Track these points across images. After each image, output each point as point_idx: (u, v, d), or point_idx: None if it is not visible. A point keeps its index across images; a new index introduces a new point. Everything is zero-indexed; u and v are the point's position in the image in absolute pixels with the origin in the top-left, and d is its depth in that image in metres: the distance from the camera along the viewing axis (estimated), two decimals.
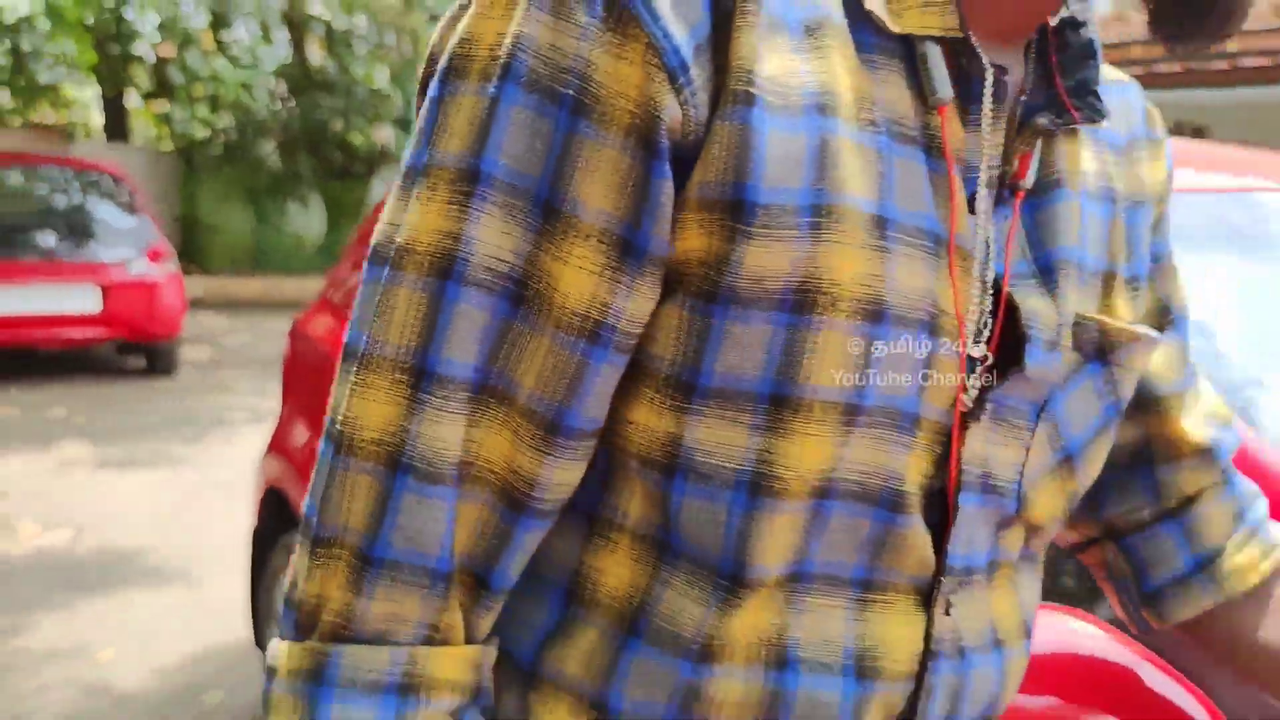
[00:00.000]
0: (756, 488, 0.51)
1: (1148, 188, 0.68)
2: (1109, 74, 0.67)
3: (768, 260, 0.49)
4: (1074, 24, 0.58)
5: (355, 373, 0.49)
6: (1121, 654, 0.76)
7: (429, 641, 0.50)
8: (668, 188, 0.48)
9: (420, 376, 0.48)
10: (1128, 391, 0.63)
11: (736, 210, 0.48)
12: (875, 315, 0.51)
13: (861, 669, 0.55)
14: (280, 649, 0.51)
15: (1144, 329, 0.62)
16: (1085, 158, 0.62)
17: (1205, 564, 0.71)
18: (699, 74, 0.47)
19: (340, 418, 0.50)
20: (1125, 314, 0.64)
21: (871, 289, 0.50)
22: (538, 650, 0.56)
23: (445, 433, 0.48)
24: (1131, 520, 0.73)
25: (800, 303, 0.49)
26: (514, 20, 0.47)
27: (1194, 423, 0.72)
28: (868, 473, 0.53)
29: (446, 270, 0.48)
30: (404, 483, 0.48)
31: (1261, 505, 0.74)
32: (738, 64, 0.48)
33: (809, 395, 0.50)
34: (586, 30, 0.46)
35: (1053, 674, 0.75)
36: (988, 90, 0.54)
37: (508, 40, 0.47)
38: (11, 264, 6.60)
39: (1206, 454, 0.72)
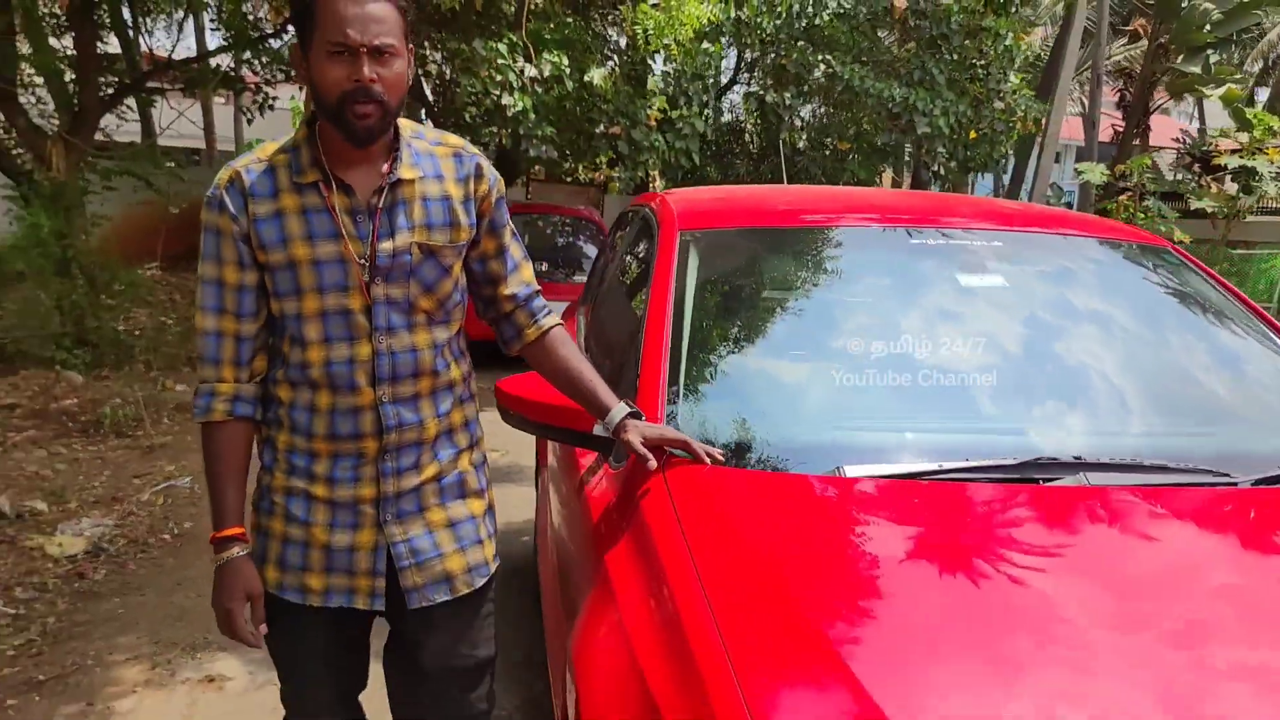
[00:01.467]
0: (298, 318, 1.81)
1: (474, 195, 1.92)
2: (471, 149, 1.95)
3: (275, 257, 1.79)
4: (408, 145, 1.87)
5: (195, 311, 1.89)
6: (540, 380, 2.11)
7: (219, 380, 1.86)
8: (247, 249, 1.81)
9: (201, 310, 1.84)
10: (449, 263, 1.89)
11: (265, 247, 1.79)
12: (316, 262, 1.79)
13: (351, 359, 1.83)
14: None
15: (446, 244, 1.87)
16: (425, 188, 1.86)
17: (517, 333, 2.06)
18: (243, 219, 1.80)
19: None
20: (466, 238, 1.90)
21: (313, 255, 1.79)
22: (274, 381, 1.89)
23: (210, 323, 1.84)
24: (494, 319, 2.08)
25: (290, 265, 1.79)
26: (204, 213, 1.83)
27: (509, 286, 2.03)
28: (337, 306, 1.81)
29: (204, 281, 1.84)
30: (201, 337, 1.86)
31: (543, 310, 2.05)
32: (250, 211, 1.80)
33: (306, 287, 1.80)
34: (214, 213, 1.81)
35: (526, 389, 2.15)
36: (334, 184, 1.79)
37: (205, 218, 1.83)
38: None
39: (512, 298, 2.04)
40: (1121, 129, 15.45)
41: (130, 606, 3.97)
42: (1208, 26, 13.43)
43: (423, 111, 12.31)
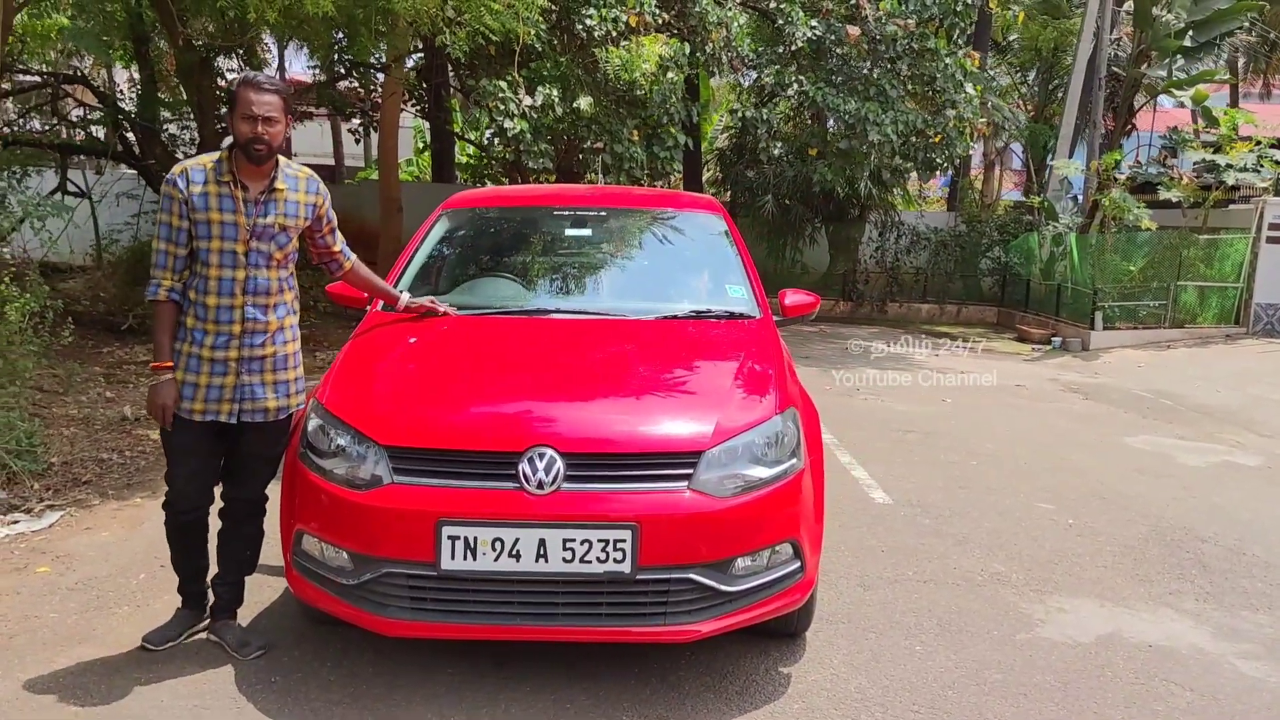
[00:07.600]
0: (206, 252, 3.34)
1: (313, 202, 3.56)
2: (315, 176, 3.60)
3: (199, 216, 3.33)
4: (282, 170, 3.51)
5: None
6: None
7: (163, 278, 3.37)
8: (186, 209, 3.33)
9: (157, 239, 3.38)
10: (292, 235, 3.48)
11: (195, 209, 3.32)
12: (221, 223, 3.33)
13: (233, 279, 3.35)
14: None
15: (293, 225, 3.47)
16: (287, 195, 3.45)
17: (340, 266, 3.85)
18: (185, 192, 3.31)
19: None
20: (304, 224, 3.53)
21: (221, 219, 3.34)
22: (189, 287, 3.39)
23: (162, 246, 3.36)
24: (327, 263, 3.85)
25: (207, 222, 3.33)
26: (164, 186, 3.43)
27: (336, 245, 3.78)
28: (230, 249, 3.36)
29: (160, 223, 3.39)
30: (155, 254, 3.37)
31: (352, 254, 3.85)
32: (189, 189, 3.34)
33: (214, 235, 3.33)
34: (170, 188, 3.35)
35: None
36: (239, 184, 3.37)
37: (163, 190, 3.40)
38: None
39: (339, 251, 3.80)
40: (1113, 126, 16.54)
41: None
42: (1184, 35, 14.52)
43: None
